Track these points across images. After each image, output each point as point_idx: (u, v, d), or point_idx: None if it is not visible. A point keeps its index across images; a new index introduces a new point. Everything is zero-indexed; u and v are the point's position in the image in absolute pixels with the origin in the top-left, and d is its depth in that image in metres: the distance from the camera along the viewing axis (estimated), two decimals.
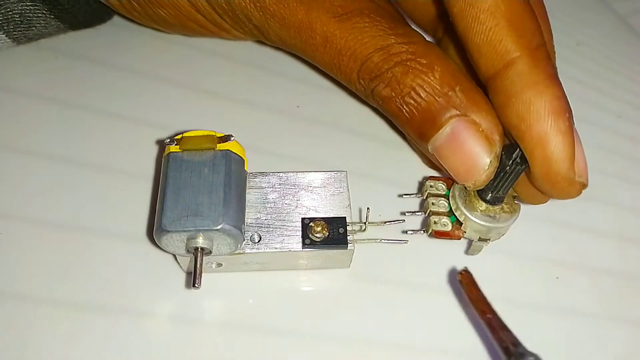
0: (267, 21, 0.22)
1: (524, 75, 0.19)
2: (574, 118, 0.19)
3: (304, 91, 0.28)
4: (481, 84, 0.22)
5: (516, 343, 0.18)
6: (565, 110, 0.19)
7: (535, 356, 0.17)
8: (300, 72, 0.29)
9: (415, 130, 0.21)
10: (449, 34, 0.26)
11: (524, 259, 0.24)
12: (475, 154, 0.20)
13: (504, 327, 0.18)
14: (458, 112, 0.19)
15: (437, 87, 0.20)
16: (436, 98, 0.20)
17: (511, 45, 0.19)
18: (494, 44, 0.19)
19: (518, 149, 0.19)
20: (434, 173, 0.26)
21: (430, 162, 0.26)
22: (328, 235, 0.20)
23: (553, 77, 0.19)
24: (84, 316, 0.20)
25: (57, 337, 0.19)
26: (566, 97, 0.19)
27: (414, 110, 0.20)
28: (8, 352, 0.19)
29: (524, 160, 0.19)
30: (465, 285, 0.19)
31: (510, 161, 0.19)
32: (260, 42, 0.27)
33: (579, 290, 0.24)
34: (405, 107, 0.20)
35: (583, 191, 0.20)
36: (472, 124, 0.19)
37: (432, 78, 0.20)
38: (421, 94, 0.20)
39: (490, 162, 0.20)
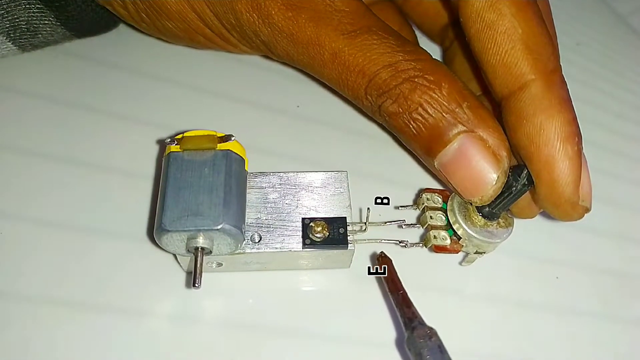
0: (275, 37, 0.22)
1: (537, 98, 0.19)
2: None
3: (304, 91, 0.28)
4: (490, 97, 0.22)
5: (414, 317, 0.19)
6: (575, 135, 0.19)
7: (431, 329, 0.19)
8: (300, 72, 0.29)
9: (421, 146, 0.21)
10: (458, 40, 0.26)
11: (524, 259, 0.24)
12: (483, 169, 0.20)
13: (409, 304, 0.20)
14: (465, 129, 0.20)
15: (445, 103, 0.20)
16: (443, 114, 0.20)
17: (526, 68, 0.19)
18: (510, 66, 0.19)
19: (525, 170, 0.19)
20: (431, 178, 0.26)
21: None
22: (328, 236, 0.20)
23: (566, 101, 0.19)
24: (84, 316, 0.20)
25: (57, 337, 0.19)
26: (577, 122, 0.19)
27: (421, 127, 0.20)
28: (8, 351, 0.19)
29: (530, 181, 0.19)
30: (380, 267, 0.21)
31: (517, 181, 0.20)
32: (265, 56, 0.27)
33: (579, 290, 0.24)
34: (412, 123, 0.20)
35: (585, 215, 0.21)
36: (480, 140, 0.20)
37: (439, 95, 0.20)
38: (429, 110, 0.20)
39: (498, 177, 0.20)
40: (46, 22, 0.23)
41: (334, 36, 0.20)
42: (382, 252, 0.21)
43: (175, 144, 0.19)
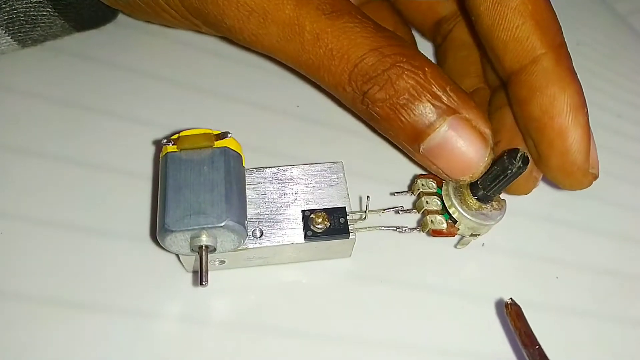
0: (242, 18, 0.20)
1: (549, 71, 0.20)
2: None
3: (304, 91, 0.28)
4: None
5: None
6: (584, 106, 0.20)
7: None
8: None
9: (407, 133, 0.20)
10: (465, 19, 0.26)
11: (524, 258, 0.24)
12: (474, 149, 0.20)
13: None
14: (452, 111, 0.20)
15: (430, 88, 0.20)
16: (430, 99, 0.20)
17: (537, 42, 0.20)
18: (521, 41, 0.20)
19: (520, 152, 0.20)
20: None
21: None
22: (329, 226, 0.20)
23: (574, 73, 0.20)
24: (85, 316, 0.20)
25: (57, 337, 0.19)
26: (583, 92, 0.20)
27: (410, 113, 0.20)
28: (8, 352, 0.19)
29: (525, 162, 0.20)
30: (511, 317, 0.20)
31: (513, 164, 0.20)
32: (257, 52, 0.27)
33: (579, 290, 0.24)
34: (400, 109, 0.20)
35: (586, 190, 0.21)
36: (466, 120, 0.20)
37: (424, 79, 0.20)
38: (415, 95, 0.20)
39: (488, 154, 0.20)
40: (44, 13, 0.23)
41: (315, 16, 0.20)
42: (511, 299, 0.20)
43: (172, 144, 0.19)
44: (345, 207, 0.21)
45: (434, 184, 0.22)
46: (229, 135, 0.20)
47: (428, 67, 0.20)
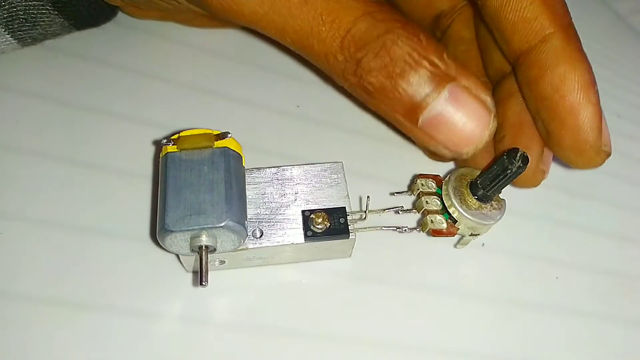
0: None
1: (559, 50, 0.19)
2: None
3: (304, 91, 0.28)
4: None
5: None
6: (595, 84, 0.20)
7: None
8: (300, 72, 0.29)
9: (405, 104, 0.19)
10: (462, 18, 0.26)
11: (524, 258, 0.24)
12: (476, 117, 0.20)
13: None
14: (451, 79, 0.19)
15: (428, 55, 0.19)
16: (429, 66, 0.19)
17: (546, 21, 0.20)
18: (530, 21, 0.20)
19: (520, 152, 0.20)
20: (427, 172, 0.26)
21: (434, 155, 0.26)
22: (329, 226, 0.20)
23: (583, 52, 0.20)
24: (84, 316, 0.20)
25: (57, 337, 0.19)
26: (593, 72, 0.20)
27: (407, 82, 0.19)
28: (8, 352, 0.19)
29: (525, 161, 0.20)
30: None
31: (513, 164, 0.20)
32: (256, 35, 0.27)
33: (579, 290, 0.24)
34: (396, 78, 0.19)
35: (586, 190, 0.21)
36: (465, 88, 0.20)
37: (420, 46, 0.19)
38: (412, 64, 0.19)
39: (493, 120, 0.20)
40: (44, 11, 0.23)
41: None
42: None
43: (172, 144, 0.19)
44: (345, 207, 0.21)
45: (434, 184, 0.22)
46: (229, 135, 0.20)
47: (422, 33, 0.19)
